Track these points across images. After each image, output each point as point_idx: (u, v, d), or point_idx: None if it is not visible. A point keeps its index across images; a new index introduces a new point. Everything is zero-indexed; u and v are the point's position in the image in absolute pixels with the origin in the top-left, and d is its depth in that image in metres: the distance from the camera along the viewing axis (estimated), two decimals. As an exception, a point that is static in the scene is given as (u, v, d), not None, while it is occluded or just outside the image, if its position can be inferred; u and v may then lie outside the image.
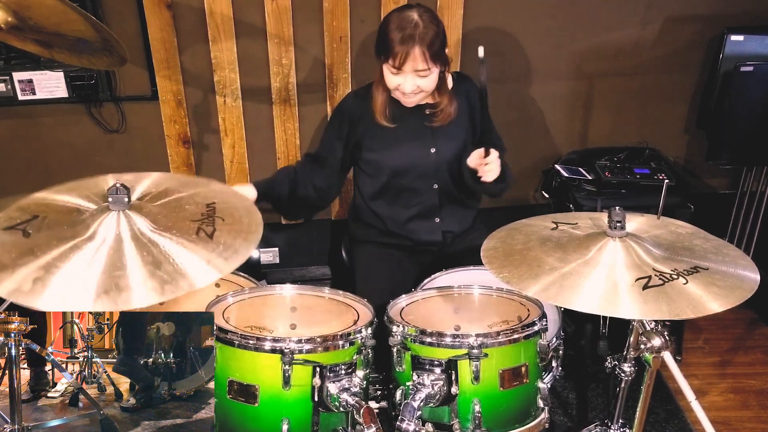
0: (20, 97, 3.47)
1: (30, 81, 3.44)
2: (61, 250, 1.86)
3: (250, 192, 2.92)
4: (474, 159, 2.81)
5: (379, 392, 2.48)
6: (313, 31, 3.52)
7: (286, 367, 2.12)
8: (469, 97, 3.05)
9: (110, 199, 1.98)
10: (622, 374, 2.43)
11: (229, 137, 3.70)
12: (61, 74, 3.44)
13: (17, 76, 3.42)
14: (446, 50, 2.82)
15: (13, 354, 2.01)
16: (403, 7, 2.82)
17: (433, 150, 2.98)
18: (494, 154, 2.78)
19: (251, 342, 2.17)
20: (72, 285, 1.78)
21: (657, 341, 2.12)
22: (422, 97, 2.87)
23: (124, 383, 2.22)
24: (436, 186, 3.04)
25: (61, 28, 2.49)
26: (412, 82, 2.76)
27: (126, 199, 1.99)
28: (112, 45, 2.59)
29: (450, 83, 3.02)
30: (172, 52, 3.47)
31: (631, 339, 2.31)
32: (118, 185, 1.99)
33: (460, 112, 2.99)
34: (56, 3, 2.33)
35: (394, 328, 2.31)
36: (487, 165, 2.79)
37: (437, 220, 3.10)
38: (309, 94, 3.66)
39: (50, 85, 3.46)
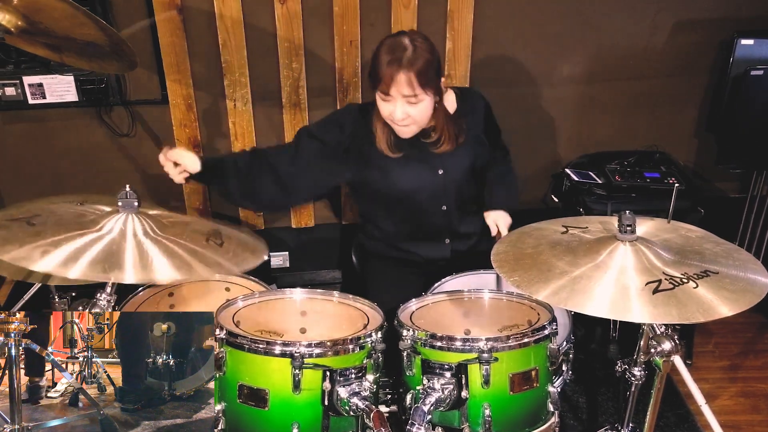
0: (30, 101, 3.48)
1: (40, 85, 3.44)
2: (67, 235, 1.91)
3: (192, 160, 2.77)
4: (490, 224, 3.00)
5: (389, 396, 2.48)
6: (323, 36, 3.53)
7: (296, 371, 2.12)
8: (475, 113, 3.02)
9: (120, 203, 2.00)
10: (633, 378, 2.42)
11: (239, 141, 3.70)
12: (71, 78, 3.44)
13: (27, 80, 3.43)
14: (442, 80, 2.78)
15: (13, 354, 2.02)
16: (397, 33, 2.75)
17: (441, 171, 2.94)
18: (505, 229, 2.96)
19: (261, 346, 2.17)
20: (78, 257, 1.86)
21: (667, 345, 2.11)
22: (416, 129, 2.80)
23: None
24: (444, 207, 3.01)
25: (72, 32, 2.50)
26: (402, 109, 2.68)
27: (135, 203, 2.00)
28: (121, 49, 2.59)
29: (453, 105, 2.97)
30: (182, 56, 3.48)
31: (642, 343, 2.30)
32: (128, 189, 2.00)
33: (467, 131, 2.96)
34: (66, 7, 2.33)
35: (404, 332, 2.31)
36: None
37: (447, 241, 3.10)
38: (319, 99, 3.67)
39: (60, 89, 3.47)
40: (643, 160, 3.72)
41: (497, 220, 2.99)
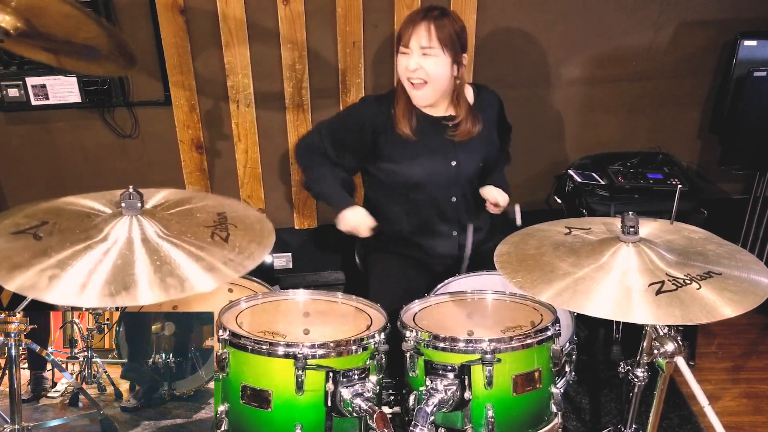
0: (33, 102, 3.47)
1: (43, 86, 3.45)
2: (73, 250, 1.89)
3: (359, 210, 3.03)
4: (487, 197, 3.03)
5: (392, 397, 2.49)
6: (326, 36, 3.53)
7: (300, 372, 2.12)
8: (490, 108, 3.08)
9: (123, 205, 2.00)
10: (636, 379, 2.42)
11: (242, 142, 3.71)
12: (74, 79, 3.44)
13: (30, 81, 3.43)
14: (464, 56, 2.85)
15: (13, 354, 2.02)
16: None
17: (454, 163, 2.97)
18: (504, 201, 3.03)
19: (264, 347, 2.17)
20: (88, 281, 1.83)
21: (670, 346, 2.11)
22: (430, 93, 2.85)
23: (124, 383, 2.22)
24: (454, 199, 3.03)
25: (71, 35, 2.48)
26: (415, 60, 2.77)
27: (139, 204, 2.00)
28: (122, 47, 2.57)
29: (471, 98, 3.02)
30: (185, 57, 3.48)
31: (645, 344, 2.30)
32: (131, 190, 2.00)
33: (482, 125, 3.00)
34: (66, 7, 2.32)
35: (408, 333, 2.31)
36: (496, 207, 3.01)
37: (454, 233, 3.10)
38: (322, 99, 3.67)
39: (63, 90, 3.47)
40: (645, 161, 3.72)
41: (496, 195, 3.02)
